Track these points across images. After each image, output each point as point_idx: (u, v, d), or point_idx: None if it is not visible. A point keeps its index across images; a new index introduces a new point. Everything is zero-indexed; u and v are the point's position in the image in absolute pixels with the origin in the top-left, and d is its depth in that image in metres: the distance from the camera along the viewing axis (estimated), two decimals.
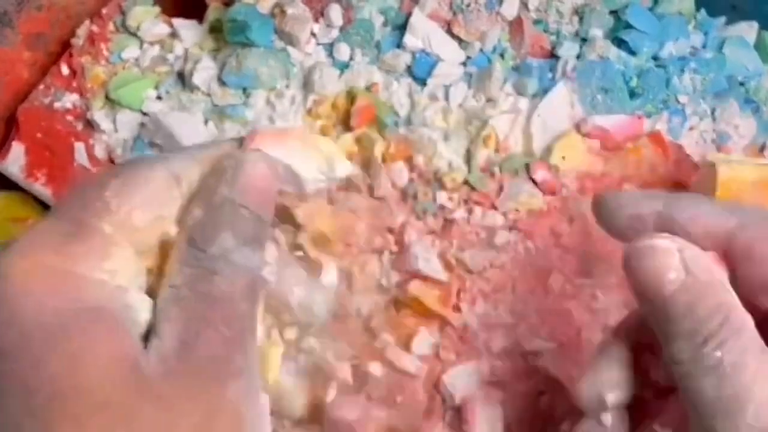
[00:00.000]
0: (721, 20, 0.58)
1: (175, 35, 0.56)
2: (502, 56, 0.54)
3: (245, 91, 0.54)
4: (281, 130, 0.41)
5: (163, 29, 0.57)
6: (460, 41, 0.54)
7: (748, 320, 0.32)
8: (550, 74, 0.53)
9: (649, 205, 0.35)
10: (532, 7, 0.55)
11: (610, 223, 0.36)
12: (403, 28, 0.54)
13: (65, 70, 0.56)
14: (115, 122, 0.55)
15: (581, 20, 0.55)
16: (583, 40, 0.54)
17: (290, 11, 0.54)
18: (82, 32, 0.57)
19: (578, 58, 0.54)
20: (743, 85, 0.56)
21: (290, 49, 0.54)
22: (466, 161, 0.51)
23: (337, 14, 0.54)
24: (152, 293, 0.32)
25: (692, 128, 0.54)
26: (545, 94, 0.52)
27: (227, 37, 0.54)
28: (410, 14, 0.54)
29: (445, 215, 0.50)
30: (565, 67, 0.53)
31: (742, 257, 0.33)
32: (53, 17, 0.59)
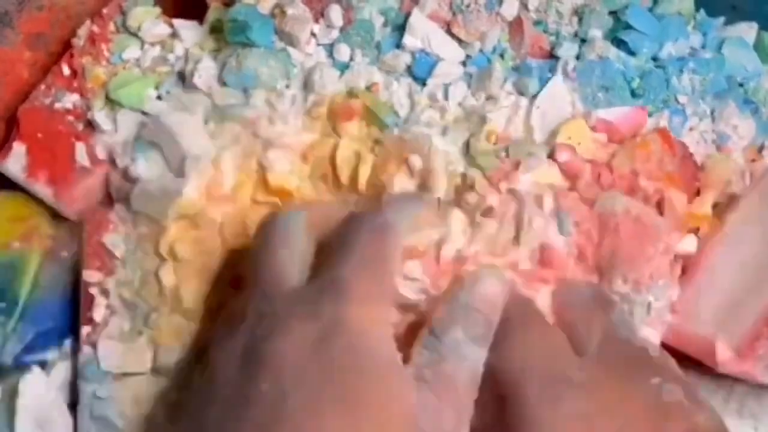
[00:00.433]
0: (720, 21, 0.58)
1: (175, 35, 0.57)
2: (501, 56, 0.54)
3: (245, 91, 0.54)
4: None
5: (163, 29, 0.57)
6: (459, 41, 0.54)
7: None
8: (549, 74, 0.53)
9: None
10: (531, 7, 0.55)
11: None
12: (403, 28, 0.54)
13: (66, 70, 0.56)
14: (115, 122, 0.55)
15: (581, 21, 0.55)
16: (582, 40, 0.55)
17: (290, 11, 0.54)
18: (82, 32, 0.57)
19: (578, 58, 0.54)
20: (742, 85, 0.56)
21: (290, 49, 0.54)
22: (464, 154, 0.51)
23: (337, 15, 0.54)
24: None
25: (692, 129, 0.54)
26: None
27: (228, 37, 0.54)
28: (410, 15, 0.54)
29: None
30: (565, 67, 0.53)
31: None
32: (54, 17, 0.59)
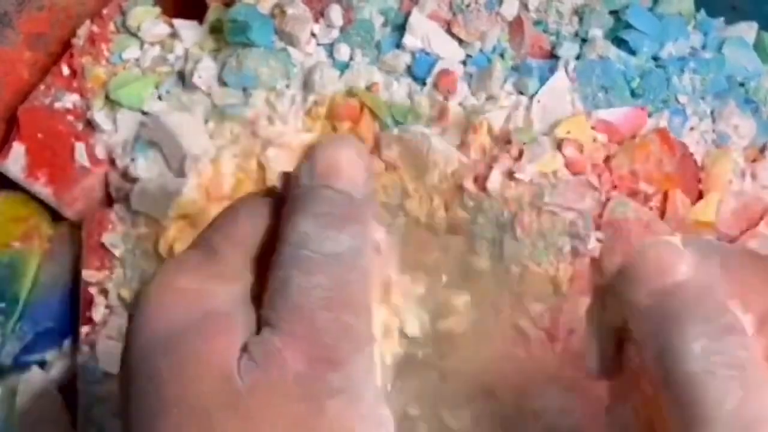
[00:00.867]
0: (720, 21, 0.58)
1: (175, 35, 0.57)
2: (501, 56, 0.54)
3: (245, 91, 0.54)
4: None
5: (163, 29, 0.57)
6: (459, 41, 0.54)
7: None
8: (549, 74, 0.53)
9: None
10: (531, 7, 0.55)
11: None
12: (403, 28, 0.54)
13: (66, 70, 0.56)
14: (115, 122, 0.55)
15: (581, 20, 0.55)
16: (582, 40, 0.54)
17: (290, 11, 0.54)
18: (82, 32, 0.57)
19: (578, 58, 0.54)
20: (743, 85, 0.56)
21: (290, 49, 0.54)
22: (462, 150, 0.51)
23: (337, 14, 0.54)
24: None
25: (692, 129, 0.54)
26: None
27: (227, 37, 0.54)
28: (410, 14, 0.54)
29: None
30: (565, 66, 0.53)
31: None
32: (54, 17, 0.59)
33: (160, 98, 0.55)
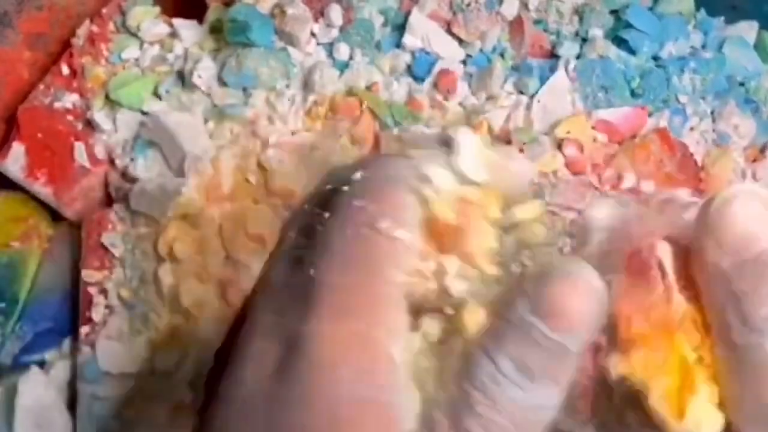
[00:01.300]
0: (720, 20, 0.58)
1: (175, 35, 0.56)
2: (502, 56, 0.54)
3: (245, 90, 0.54)
4: None
5: (163, 29, 0.57)
6: (460, 41, 0.54)
7: None
8: (550, 74, 0.53)
9: None
10: (532, 6, 0.55)
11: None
12: (402, 28, 0.54)
13: (65, 70, 0.56)
14: (115, 122, 0.55)
15: (581, 20, 0.55)
16: (583, 39, 0.54)
17: (290, 11, 0.54)
18: (82, 32, 0.57)
19: (578, 57, 0.54)
20: (743, 85, 0.56)
21: (290, 49, 0.54)
22: None
23: (337, 14, 0.54)
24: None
25: (692, 128, 0.54)
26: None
27: (227, 37, 0.54)
28: (410, 14, 0.54)
29: None
30: (566, 66, 0.53)
31: None
32: (53, 17, 0.59)
33: (159, 98, 0.55)
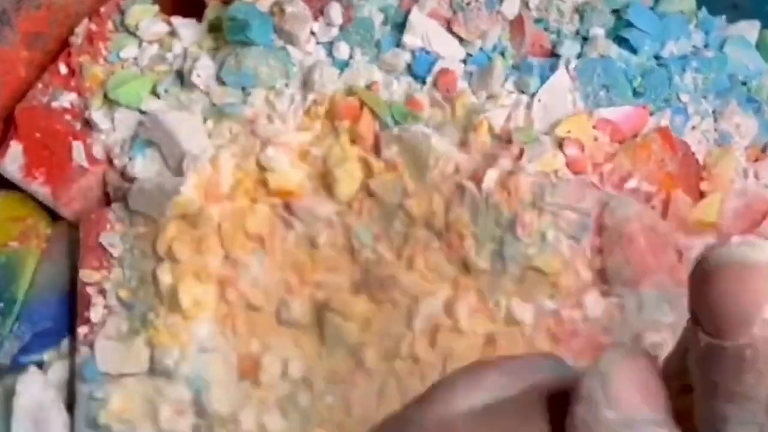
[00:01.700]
0: (722, 19, 0.58)
1: (173, 34, 0.56)
2: (502, 55, 0.54)
3: (244, 90, 0.53)
4: None
5: (161, 28, 0.56)
6: (460, 40, 0.54)
7: None
8: (550, 73, 0.53)
9: None
10: (532, 5, 0.55)
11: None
12: (402, 26, 0.54)
13: (63, 69, 0.56)
14: (113, 121, 0.55)
15: (582, 19, 0.55)
16: (584, 38, 0.54)
17: (290, 10, 0.54)
18: (80, 31, 0.56)
19: (579, 56, 0.54)
20: (745, 84, 0.56)
21: (290, 47, 0.54)
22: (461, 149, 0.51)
23: (336, 13, 0.54)
24: None
25: (694, 128, 0.54)
26: None
27: (226, 35, 0.54)
28: (410, 13, 0.54)
29: None
30: (566, 65, 0.53)
31: None
32: (52, 16, 0.59)
33: (158, 97, 0.55)
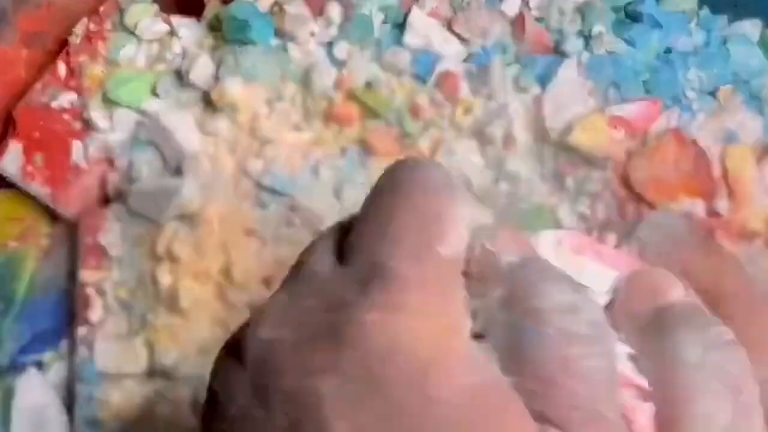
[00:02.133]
0: (724, 18, 0.58)
1: (173, 33, 0.56)
2: (503, 53, 0.54)
3: (244, 89, 0.53)
4: None
5: (161, 27, 0.56)
6: (461, 39, 0.54)
7: None
8: (553, 71, 0.53)
9: None
10: (533, 4, 0.55)
11: None
12: (403, 26, 0.54)
13: (62, 68, 0.56)
14: (112, 121, 0.55)
15: (583, 18, 0.55)
16: (585, 37, 0.54)
17: (289, 9, 0.54)
18: (79, 30, 0.56)
19: (581, 55, 0.53)
20: (747, 83, 0.56)
21: (289, 47, 0.54)
22: None
23: (336, 12, 0.54)
24: None
25: (698, 126, 0.54)
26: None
27: (226, 35, 0.54)
28: (410, 12, 0.54)
29: None
30: (569, 63, 0.53)
31: None
32: (52, 15, 0.59)
33: (158, 97, 0.55)
